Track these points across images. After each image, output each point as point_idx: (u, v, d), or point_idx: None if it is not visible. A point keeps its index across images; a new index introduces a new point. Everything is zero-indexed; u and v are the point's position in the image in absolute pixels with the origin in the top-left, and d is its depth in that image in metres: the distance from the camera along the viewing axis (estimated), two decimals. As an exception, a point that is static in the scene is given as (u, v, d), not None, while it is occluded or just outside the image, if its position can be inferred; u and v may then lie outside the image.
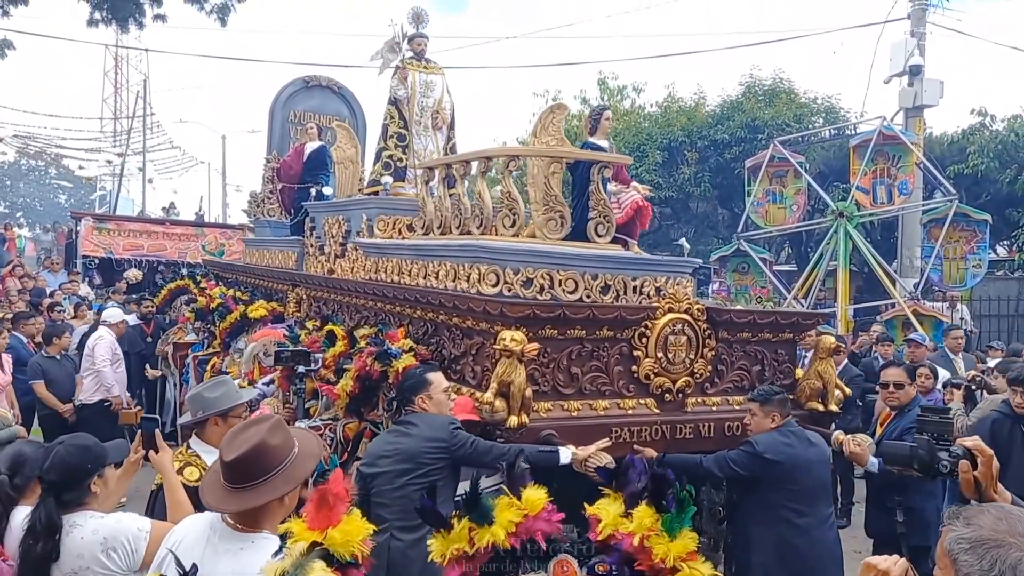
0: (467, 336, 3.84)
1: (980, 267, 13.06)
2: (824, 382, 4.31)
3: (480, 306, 3.53)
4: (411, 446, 3.18)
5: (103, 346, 7.52)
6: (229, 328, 6.74)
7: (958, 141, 14.25)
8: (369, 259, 5.81)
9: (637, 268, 4.22)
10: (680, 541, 1.84)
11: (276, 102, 10.34)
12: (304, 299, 6.68)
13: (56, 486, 2.54)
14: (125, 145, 25.23)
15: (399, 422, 3.33)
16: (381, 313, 4.91)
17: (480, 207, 4.36)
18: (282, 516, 2.19)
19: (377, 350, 3.66)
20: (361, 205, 6.37)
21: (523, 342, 3.22)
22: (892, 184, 13.64)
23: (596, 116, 5.39)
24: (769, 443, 3.62)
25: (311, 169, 8.61)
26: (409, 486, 3.11)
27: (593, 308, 3.54)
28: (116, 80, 31.02)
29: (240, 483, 2.14)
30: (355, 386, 3.73)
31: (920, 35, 13.64)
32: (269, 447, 2.15)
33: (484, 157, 4.40)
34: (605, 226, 4.20)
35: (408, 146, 6.95)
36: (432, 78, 7.13)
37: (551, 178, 4.14)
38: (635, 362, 3.78)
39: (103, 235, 12.82)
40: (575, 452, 3.24)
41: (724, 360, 4.09)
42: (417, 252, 4.93)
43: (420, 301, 4.12)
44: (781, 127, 15.15)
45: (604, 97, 18.61)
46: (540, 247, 4.04)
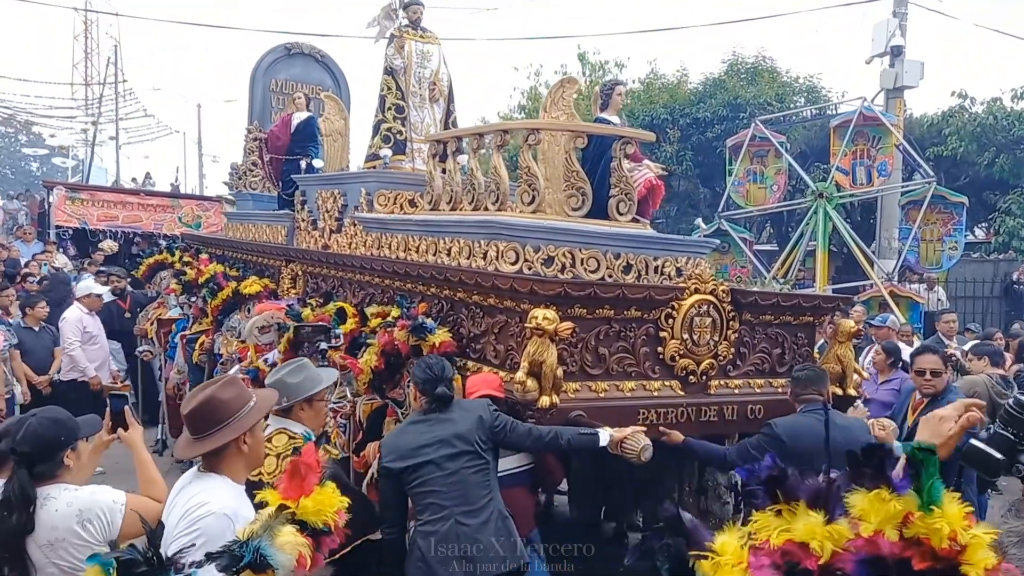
0: (489, 314, 3.74)
1: (956, 249, 13.25)
2: (843, 366, 4.28)
3: (507, 284, 3.42)
4: (457, 429, 3.09)
5: (68, 326, 7.28)
6: (221, 305, 6.53)
7: (937, 123, 14.41)
8: (370, 234, 5.65)
9: (659, 248, 4.15)
10: (949, 506, 1.25)
11: (257, 70, 9.98)
12: (299, 275, 6.49)
13: (29, 458, 2.56)
14: (97, 112, 24.42)
15: (433, 409, 3.21)
16: (388, 290, 4.78)
17: (496, 182, 4.24)
18: (244, 464, 2.48)
19: (411, 323, 3.54)
20: (360, 179, 6.20)
21: (555, 321, 3.13)
22: (872, 165, 13.75)
23: (608, 91, 5.29)
24: (788, 425, 3.57)
25: (299, 141, 8.34)
26: (465, 470, 3.03)
27: (623, 288, 3.46)
28: (87, 45, 29.99)
29: (197, 433, 2.43)
30: (380, 361, 3.61)
31: (902, 16, 13.68)
32: (219, 400, 2.43)
33: (501, 130, 4.28)
34: (627, 204, 4.12)
35: (406, 118, 6.76)
36: (429, 47, 6.93)
37: (571, 154, 4.03)
38: (661, 343, 3.71)
39: (76, 205, 12.41)
40: (612, 434, 3.17)
41: (746, 343, 4.04)
42: (426, 228, 4.80)
43: (437, 278, 4.00)
44: (763, 106, 15.17)
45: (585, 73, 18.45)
46: (562, 224, 3.94)
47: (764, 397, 4.06)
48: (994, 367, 6.07)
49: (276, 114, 9.92)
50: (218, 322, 6.65)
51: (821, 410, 3.62)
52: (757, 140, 14.11)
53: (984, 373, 5.89)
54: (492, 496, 3.10)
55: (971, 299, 13.83)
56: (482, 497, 3.05)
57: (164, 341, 8.43)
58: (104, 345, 7.65)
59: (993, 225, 13.91)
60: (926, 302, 12.90)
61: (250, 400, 2.52)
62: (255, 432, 2.49)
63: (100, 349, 7.54)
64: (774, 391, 4.14)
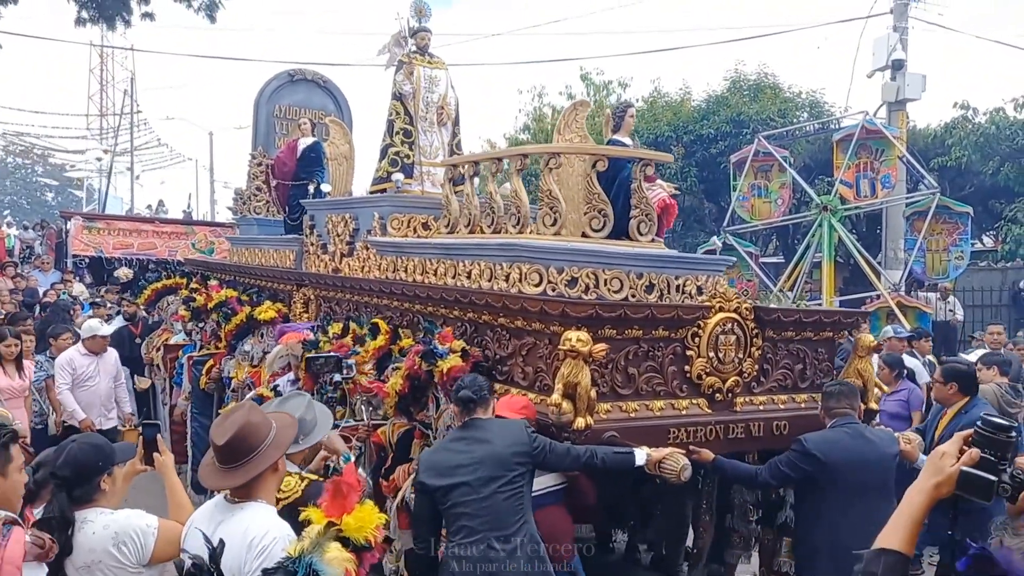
0: (516, 336, 3.74)
1: (962, 259, 13.27)
2: (864, 380, 4.28)
3: (536, 306, 3.43)
4: (495, 453, 3.08)
5: (57, 368, 6.91)
6: (235, 330, 6.53)
7: (941, 134, 14.46)
8: (385, 258, 5.67)
9: (679, 267, 4.16)
10: None
11: (261, 96, 10.06)
12: (312, 299, 6.50)
13: (68, 482, 2.63)
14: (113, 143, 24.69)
15: (469, 428, 3.21)
16: (408, 313, 4.79)
17: (517, 205, 4.25)
18: (276, 483, 2.52)
19: (423, 349, 3.54)
20: (372, 203, 6.22)
21: (589, 342, 3.13)
22: (875, 177, 13.80)
23: (620, 113, 5.33)
24: (819, 440, 3.57)
25: (306, 166, 8.41)
26: (498, 494, 3.03)
27: (653, 308, 3.47)
28: (102, 77, 30.39)
29: (233, 462, 2.41)
30: (405, 384, 3.61)
31: (902, 30, 13.80)
32: (253, 425, 2.45)
33: (521, 154, 4.30)
34: (647, 224, 4.13)
35: (414, 142, 6.81)
36: (436, 73, 6.99)
37: (592, 176, 4.05)
38: (688, 362, 3.71)
39: (93, 234, 12.63)
40: (650, 454, 3.17)
41: (769, 359, 4.04)
42: (445, 251, 4.81)
43: (462, 301, 4.00)
44: (766, 122, 15.25)
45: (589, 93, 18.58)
46: (585, 246, 3.95)
47: (788, 413, 4.05)
48: (1003, 376, 6.05)
49: (280, 139, 10.00)
50: (231, 347, 6.64)
51: (852, 424, 3.62)
52: (761, 155, 14.17)
53: (993, 383, 5.87)
54: (524, 520, 3.09)
55: (979, 308, 13.83)
56: (514, 522, 3.04)
57: (170, 367, 8.41)
58: (100, 389, 7.16)
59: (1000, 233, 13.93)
60: (934, 312, 12.90)
61: (272, 422, 2.56)
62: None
63: (92, 393, 7.06)
64: (797, 406, 4.14)
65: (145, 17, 11.53)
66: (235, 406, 2.74)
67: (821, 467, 3.51)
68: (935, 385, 4.65)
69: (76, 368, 6.93)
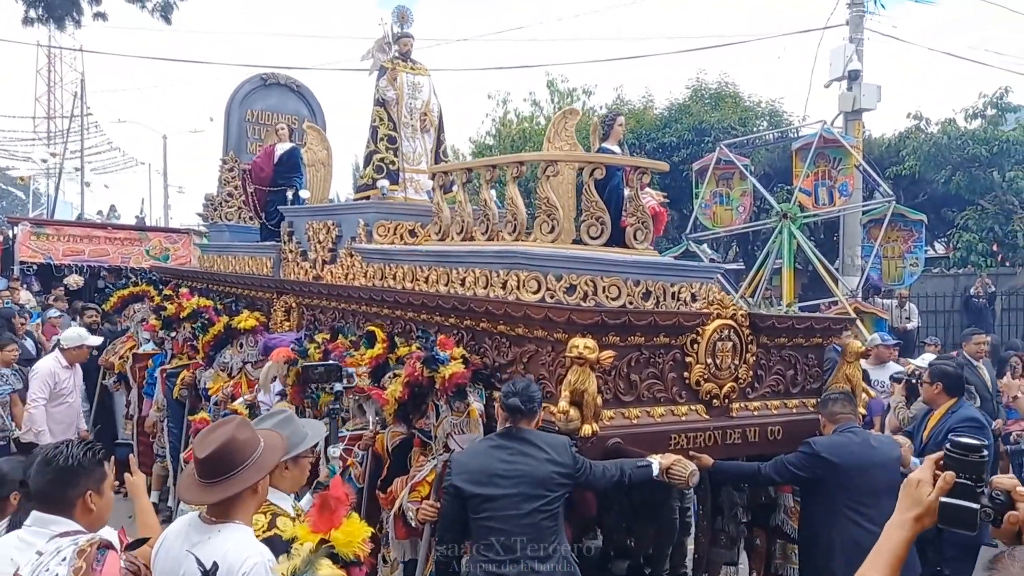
0: (516, 344, 3.76)
1: (917, 266, 13.71)
2: (852, 385, 4.39)
3: (541, 313, 3.46)
4: (538, 470, 3.04)
5: (37, 381, 6.50)
6: (213, 341, 6.40)
7: (895, 144, 14.93)
8: (371, 265, 5.63)
9: (675, 274, 4.23)
10: None
11: (232, 100, 9.90)
12: (294, 307, 6.43)
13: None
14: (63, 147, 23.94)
15: (512, 437, 3.15)
16: (400, 321, 4.77)
17: (514, 212, 4.28)
18: (255, 506, 2.39)
19: (424, 356, 3.54)
20: (357, 209, 6.19)
21: (596, 350, 3.17)
22: (833, 186, 14.18)
23: (609, 122, 5.41)
24: (827, 444, 3.69)
25: (283, 172, 8.25)
26: (538, 514, 3.00)
27: (655, 314, 3.53)
28: (49, 79, 29.43)
29: (213, 477, 2.29)
30: (404, 392, 3.60)
31: (858, 41, 14.21)
32: (238, 442, 2.33)
33: (517, 162, 4.33)
34: (644, 232, 4.20)
35: (398, 149, 6.80)
36: (419, 79, 7.00)
37: (590, 183, 4.10)
38: (687, 368, 3.78)
39: (41, 240, 12.18)
40: (660, 462, 3.22)
41: (763, 365, 4.14)
42: (437, 258, 4.81)
43: (460, 308, 4.01)
44: (727, 130, 15.55)
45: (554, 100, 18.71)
46: (583, 253, 4.00)
47: (782, 418, 4.16)
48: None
49: (252, 144, 9.85)
50: (209, 358, 6.51)
51: (855, 429, 3.74)
52: (722, 163, 14.45)
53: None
54: (560, 540, 3.08)
55: (932, 313, 14.29)
56: (552, 542, 3.03)
57: (140, 377, 8.19)
58: (76, 404, 6.94)
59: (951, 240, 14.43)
60: (891, 318, 13.31)
61: (260, 440, 2.44)
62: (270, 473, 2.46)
63: (69, 409, 6.77)
64: (789, 412, 4.25)
65: (97, 17, 11.31)
66: (223, 420, 2.64)
67: (832, 469, 3.61)
68: (923, 386, 4.80)
69: (59, 381, 6.61)
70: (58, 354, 6.89)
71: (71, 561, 2.14)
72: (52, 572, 2.12)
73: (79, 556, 2.15)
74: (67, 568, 2.12)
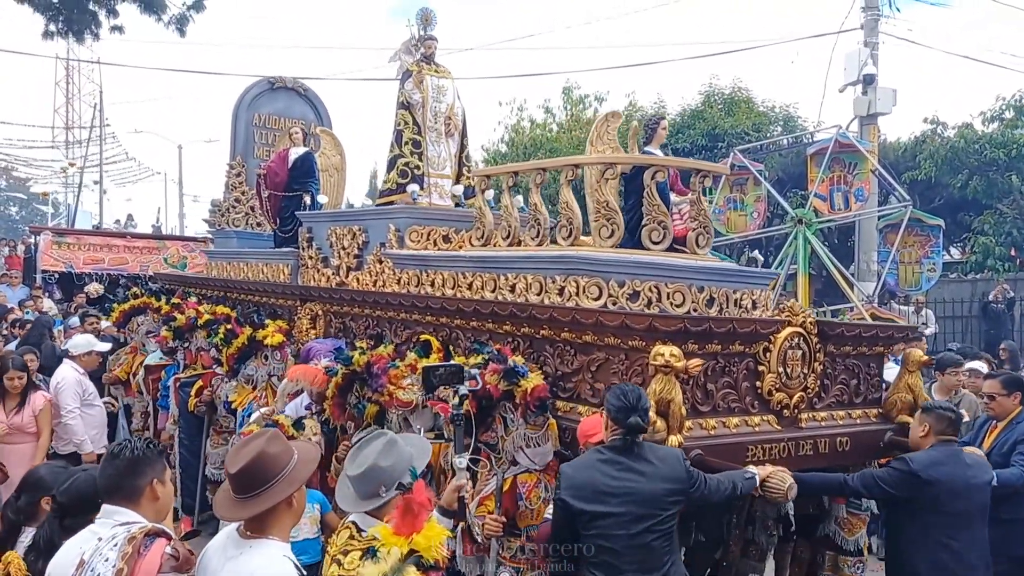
0: (583, 352, 3.59)
1: (934, 271, 13.57)
2: (914, 395, 4.24)
3: (616, 320, 3.29)
4: (648, 489, 2.85)
5: (68, 392, 6.26)
6: (236, 353, 6.18)
7: (911, 148, 14.82)
8: (405, 272, 5.47)
9: (737, 280, 4.07)
10: None
11: (239, 104, 9.71)
12: (320, 315, 6.24)
13: (64, 509, 2.74)
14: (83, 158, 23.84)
15: (623, 451, 2.94)
16: (445, 329, 4.60)
17: (569, 217, 4.11)
18: (292, 520, 2.40)
19: (503, 367, 3.34)
20: (387, 214, 6.02)
21: (681, 358, 3.00)
22: (849, 191, 14.04)
23: (653, 126, 5.26)
24: (925, 462, 3.51)
25: (298, 177, 8.07)
26: (648, 534, 2.82)
27: (735, 322, 3.36)
28: (68, 90, 29.42)
29: (246, 492, 2.31)
30: (473, 405, 3.40)
31: (873, 44, 14.11)
32: (269, 456, 2.34)
33: (572, 165, 4.16)
34: (705, 237, 4.04)
35: (423, 153, 6.63)
36: (443, 82, 6.84)
37: (652, 187, 3.93)
38: (759, 377, 3.62)
39: (63, 249, 12.22)
40: (758, 474, 3.06)
41: (829, 375, 3.98)
42: (481, 264, 4.64)
43: (518, 315, 3.84)
44: (740, 135, 15.44)
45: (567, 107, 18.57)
46: (646, 258, 3.84)
47: (848, 429, 3.99)
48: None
49: (259, 149, 9.68)
50: (234, 371, 6.30)
51: (954, 450, 3.57)
52: (736, 169, 14.30)
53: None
54: (674, 561, 2.91)
55: (950, 319, 14.16)
56: (665, 563, 2.86)
57: (154, 389, 7.98)
58: (98, 410, 6.68)
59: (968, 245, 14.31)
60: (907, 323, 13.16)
61: (294, 455, 2.43)
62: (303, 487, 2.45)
63: (101, 412, 6.63)
64: (853, 422, 4.09)
65: (114, 31, 11.28)
66: (255, 433, 2.63)
67: (927, 489, 3.45)
68: (997, 399, 4.60)
69: (84, 388, 6.42)
70: (73, 363, 6.63)
71: (121, 546, 2.29)
72: (104, 555, 2.29)
73: (128, 542, 2.29)
74: (117, 552, 2.28)
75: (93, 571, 2.26)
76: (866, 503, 4.19)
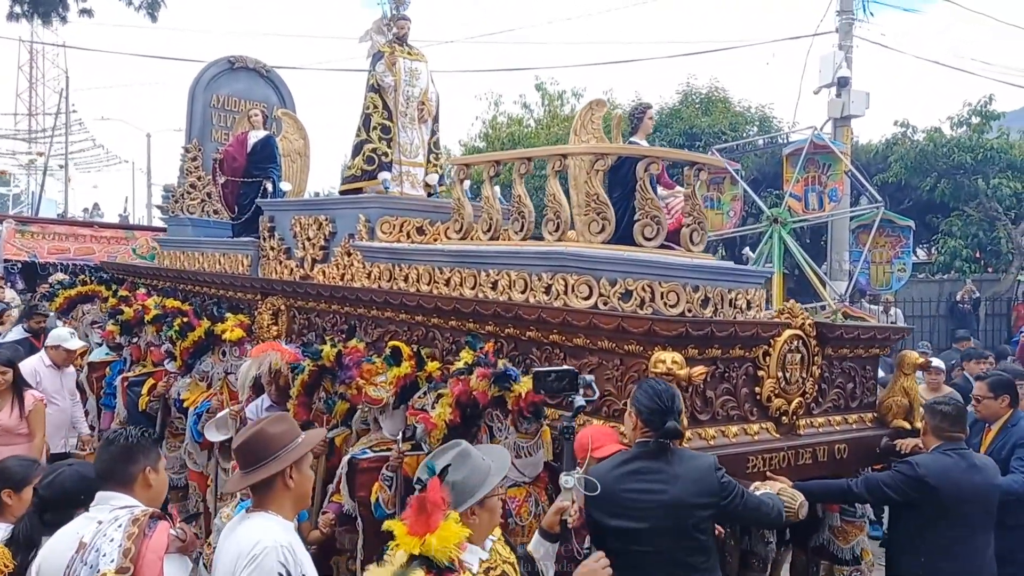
0: (574, 355, 3.34)
1: (904, 271, 13.63)
2: (910, 398, 4.08)
3: (612, 323, 3.04)
4: (677, 499, 2.58)
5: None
6: (192, 347, 5.79)
7: (882, 150, 14.87)
8: (375, 265, 5.16)
9: (732, 279, 3.84)
10: None
11: (197, 84, 9.24)
12: (282, 310, 5.89)
13: (45, 503, 2.71)
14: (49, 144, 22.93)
15: (651, 457, 2.69)
16: (422, 327, 4.31)
17: (556, 210, 3.84)
18: (292, 501, 2.50)
19: (492, 372, 3.06)
20: (356, 204, 5.70)
21: (684, 365, 2.76)
22: (823, 191, 14.04)
23: (639, 115, 5.03)
24: (931, 465, 3.33)
25: (258, 162, 7.61)
26: (679, 552, 2.58)
27: (736, 325, 3.13)
28: (31, 75, 28.32)
29: (247, 466, 2.46)
30: (455, 414, 3.12)
31: (847, 48, 14.11)
32: (268, 433, 2.48)
33: (560, 155, 3.90)
34: (700, 233, 3.82)
35: (392, 139, 6.29)
36: (417, 65, 6.51)
37: (645, 180, 3.68)
38: (758, 383, 3.41)
39: (26, 238, 11.74)
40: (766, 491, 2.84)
41: (826, 379, 3.79)
42: (461, 259, 4.36)
43: (503, 315, 3.57)
44: (717, 135, 15.35)
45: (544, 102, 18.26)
46: (641, 256, 3.59)
47: (845, 435, 3.82)
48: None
49: (217, 132, 9.24)
50: (187, 366, 5.91)
51: (962, 451, 3.38)
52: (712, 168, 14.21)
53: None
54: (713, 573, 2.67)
55: (918, 318, 14.24)
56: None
57: (98, 387, 7.50)
58: (65, 408, 6.26)
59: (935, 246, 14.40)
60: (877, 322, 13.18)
61: (298, 435, 2.55)
62: (301, 468, 2.51)
63: (60, 412, 6.12)
64: (850, 428, 3.92)
65: (83, 14, 10.85)
66: (267, 416, 2.73)
67: (932, 495, 3.27)
68: (983, 401, 4.46)
69: (42, 382, 5.93)
70: (43, 353, 6.26)
71: (126, 527, 2.36)
72: (108, 536, 2.34)
73: (133, 524, 2.37)
74: (122, 533, 2.34)
75: (98, 551, 2.32)
76: (861, 510, 4.03)
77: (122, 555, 2.29)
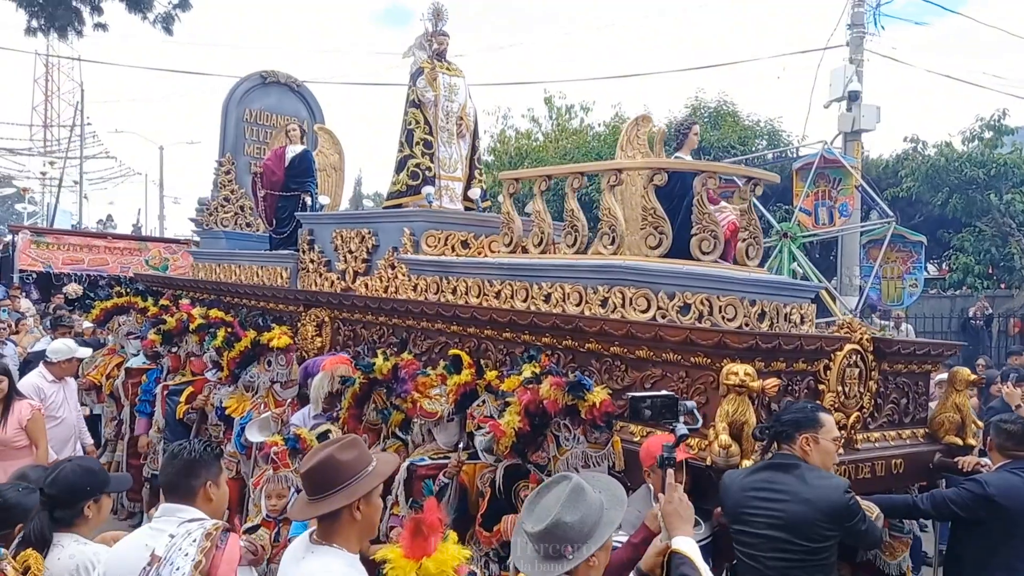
0: (635, 367, 3.40)
1: (916, 286, 13.72)
2: (962, 415, 4.12)
3: (680, 335, 3.10)
4: (802, 515, 2.61)
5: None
6: (239, 357, 5.85)
7: (892, 165, 14.98)
8: (421, 278, 5.22)
9: (788, 294, 3.92)
10: None
11: (230, 100, 9.34)
12: (326, 322, 5.96)
13: (53, 501, 2.71)
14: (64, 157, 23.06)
15: (781, 468, 2.72)
16: (473, 339, 4.37)
17: (611, 224, 3.92)
18: (359, 534, 2.35)
19: (565, 381, 3.12)
20: (401, 218, 5.77)
21: (757, 377, 2.82)
22: (833, 205, 14.15)
23: (685, 131, 5.10)
24: (999, 484, 3.37)
25: (295, 176, 7.73)
26: (794, 568, 2.59)
27: (802, 338, 3.20)
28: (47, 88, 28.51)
29: (312, 494, 2.34)
30: (525, 423, 3.18)
31: (858, 62, 14.24)
32: (337, 461, 2.33)
33: (615, 169, 3.98)
34: (755, 248, 3.89)
35: (434, 154, 6.39)
36: (455, 80, 6.61)
37: (702, 195, 3.77)
38: (818, 396, 3.45)
39: (41, 249, 11.83)
40: None
41: (882, 394, 3.85)
42: (511, 272, 4.43)
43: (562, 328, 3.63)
44: (726, 149, 15.46)
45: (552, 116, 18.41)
46: (699, 269, 3.66)
47: (900, 450, 3.86)
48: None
49: (249, 146, 9.36)
50: (234, 375, 5.97)
51: None
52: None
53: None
54: None
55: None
56: None
57: (133, 393, 7.56)
58: (71, 421, 6.18)
59: (947, 262, 14.48)
60: (890, 338, 13.24)
61: (370, 463, 2.39)
62: (371, 500, 2.37)
63: (62, 426, 6.00)
64: (904, 443, 3.96)
65: (98, 28, 10.99)
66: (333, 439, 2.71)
67: (1000, 514, 3.30)
68: None
69: (45, 398, 5.88)
70: (42, 368, 6.19)
71: (200, 542, 2.38)
72: (184, 551, 2.36)
73: (206, 538, 2.39)
74: (196, 547, 2.36)
75: (172, 564, 2.33)
76: (908, 526, 4.07)
77: (194, 568, 2.32)
